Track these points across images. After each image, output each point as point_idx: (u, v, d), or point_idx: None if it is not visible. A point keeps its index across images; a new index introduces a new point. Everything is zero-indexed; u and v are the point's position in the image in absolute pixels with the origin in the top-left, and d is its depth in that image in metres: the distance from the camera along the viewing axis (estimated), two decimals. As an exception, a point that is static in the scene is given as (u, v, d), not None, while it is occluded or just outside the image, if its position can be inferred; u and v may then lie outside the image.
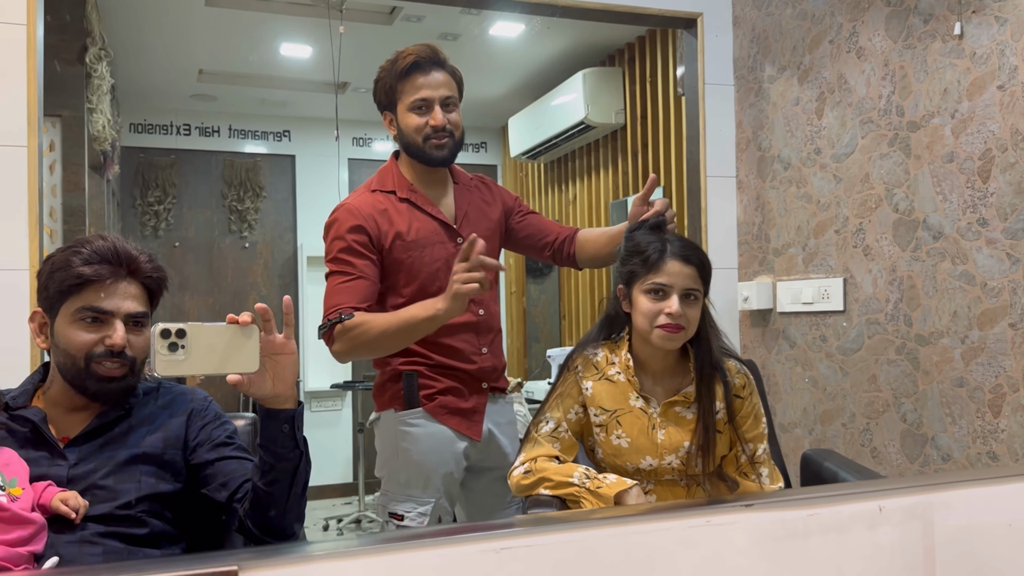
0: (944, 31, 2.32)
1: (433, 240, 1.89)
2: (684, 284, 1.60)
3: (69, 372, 1.36)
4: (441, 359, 1.88)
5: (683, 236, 1.69)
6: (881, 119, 2.53)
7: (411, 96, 1.85)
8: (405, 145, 1.91)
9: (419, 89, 1.85)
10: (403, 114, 1.88)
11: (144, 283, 1.41)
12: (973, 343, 2.25)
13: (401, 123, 1.89)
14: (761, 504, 0.84)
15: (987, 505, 0.95)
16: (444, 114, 1.86)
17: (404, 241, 1.86)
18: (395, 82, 1.87)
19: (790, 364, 2.92)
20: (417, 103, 1.85)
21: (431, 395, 1.88)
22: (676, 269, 1.60)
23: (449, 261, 1.88)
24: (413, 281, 1.86)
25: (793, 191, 2.89)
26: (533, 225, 2.07)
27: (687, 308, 1.60)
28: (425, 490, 1.86)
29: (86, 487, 1.33)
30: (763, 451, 1.69)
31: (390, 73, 1.88)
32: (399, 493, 1.87)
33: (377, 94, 1.94)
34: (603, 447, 1.69)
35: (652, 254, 1.62)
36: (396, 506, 1.87)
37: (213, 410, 1.51)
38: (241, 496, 1.39)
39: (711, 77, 3.13)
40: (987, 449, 2.22)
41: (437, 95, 1.85)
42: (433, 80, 1.85)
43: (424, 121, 1.85)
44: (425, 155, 1.88)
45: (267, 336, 1.26)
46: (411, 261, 1.86)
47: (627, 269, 1.66)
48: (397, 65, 1.86)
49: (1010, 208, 2.15)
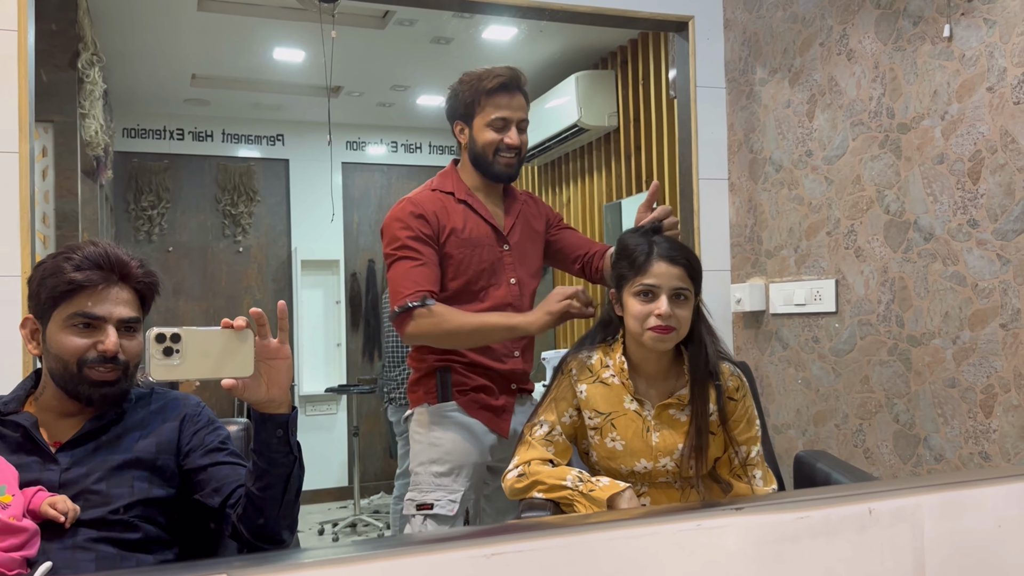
0: (933, 33, 2.33)
1: (484, 241, 2.00)
2: (672, 284, 1.61)
3: (62, 378, 1.36)
4: (475, 357, 1.98)
5: (672, 238, 1.69)
6: (872, 121, 2.54)
7: (493, 114, 1.96)
8: (474, 156, 2.01)
9: (501, 109, 1.96)
10: (480, 128, 1.98)
11: (136, 288, 1.41)
12: (964, 344, 2.26)
13: (476, 135, 1.99)
14: (751, 507, 0.84)
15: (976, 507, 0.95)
16: (519, 135, 1.99)
17: (458, 238, 1.96)
18: (479, 97, 1.97)
19: (783, 365, 2.93)
20: (497, 122, 1.96)
21: (464, 391, 1.98)
22: (663, 270, 1.61)
23: (495, 264, 2.00)
24: (460, 276, 1.96)
25: (785, 193, 2.90)
26: (566, 239, 2.18)
27: (677, 308, 1.61)
28: (456, 479, 1.95)
29: (78, 492, 1.33)
30: (756, 453, 1.70)
31: (475, 88, 1.97)
32: (430, 483, 1.95)
33: (454, 103, 2.02)
34: (597, 450, 1.69)
35: (639, 256, 1.63)
36: (426, 495, 1.94)
37: (206, 415, 1.51)
38: (234, 502, 1.39)
39: (703, 80, 3.14)
40: (979, 449, 2.23)
41: (516, 117, 1.98)
42: (516, 102, 1.98)
43: (500, 138, 1.97)
44: (492, 169, 2.00)
45: (262, 340, 1.26)
46: (461, 257, 1.96)
47: (616, 272, 1.68)
48: (484, 83, 1.96)
49: (1000, 209, 2.16)
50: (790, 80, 2.87)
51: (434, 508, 1.93)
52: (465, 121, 2.01)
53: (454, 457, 1.95)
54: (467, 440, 1.96)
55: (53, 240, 3.37)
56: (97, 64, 3.54)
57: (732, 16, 3.14)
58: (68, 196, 3.44)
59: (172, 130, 5.65)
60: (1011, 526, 0.96)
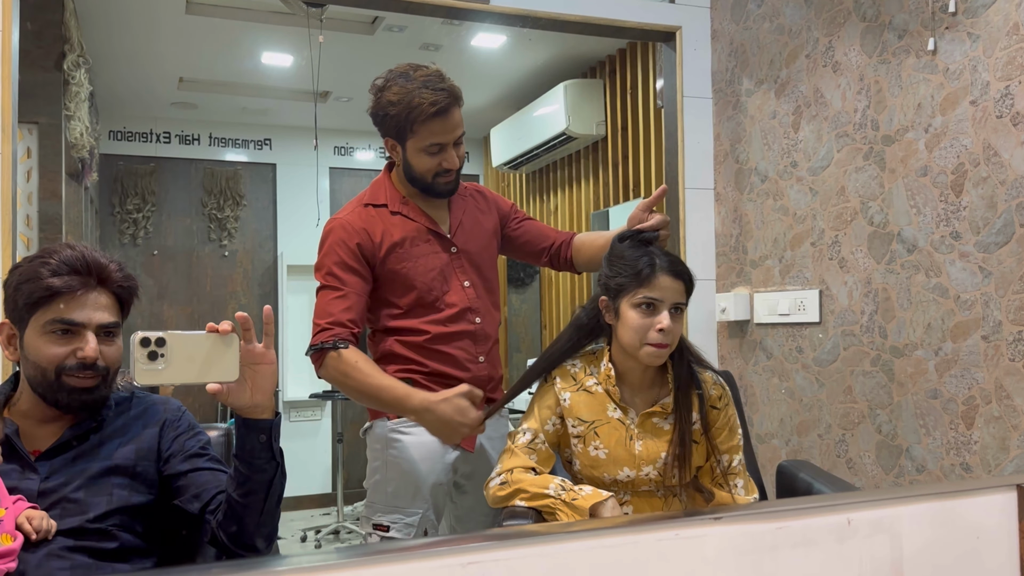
0: (918, 47, 2.35)
1: (427, 250, 1.88)
2: (674, 299, 1.60)
3: (40, 385, 1.34)
4: (437, 366, 1.87)
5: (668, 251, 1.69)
6: (856, 133, 2.56)
7: (427, 140, 1.82)
8: (411, 178, 1.88)
9: (436, 135, 1.82)
10: (414, 152, 1.84)
11: (115, 292, 1.39)
12: (946, 355, 2.27)
13: (411, 159, 1.85)
14: (730, 517, 0.84)
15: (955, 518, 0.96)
16: (456, 155, 1.86)
17: (399, 252, 1.85)
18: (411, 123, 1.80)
19: (767, 375, 2.94)
20: (432, 148, 1.83)
21: None
22: (667, 284, 1.59)
23: (444, 270, 1.89)
24: (410, 292, 1.86)
25: (770, 203, 2.91)
26: (530, 231, 2.08)
27: (674, 323, 1.61)
28: (413, 501, 1.84)
29: (56, 500, 1.32)
30: (738, 462, 1.70)
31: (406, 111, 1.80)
32: (385, 504, 1.85)
33: (385, 123, 1.86)
34: (580, 458, 1.69)
35: (644, 268, 1.60)
36: (381, 517, 1.85)
37: (187, 421, 1.50)
38: (214, 508, 1.38)
39: (689, 90, 3.15)
40: (960, 460, 2.24)
41: (452, 137, 1.84)
42: (450, 123, 1.82)
43: (436, 162, 1.84)
44: (432, 190, 1.88)
45: (247, 345, 1.25)
46: (406, 271, 1.86)
47: (616, 281, 1.64)
48: (417, 111, 1.78)
49: (982, 222, 2.18)
50: (776, 91, 2.88)
51: (390, 531, 1.83)
52: (397, 140, 1.86)
53: (411, 478, 1.84)
54: (426, 459, 1.84)
55: (36, 242, 3.35)
56: (83, 66, 3.52)
57: (719, 27, 3.16)
58: (52, 198, 3.41)
59: (159, 133, 5.63)
60: (988, 537, 0.96)
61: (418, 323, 1.86)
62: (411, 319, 1.86)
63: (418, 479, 1.84)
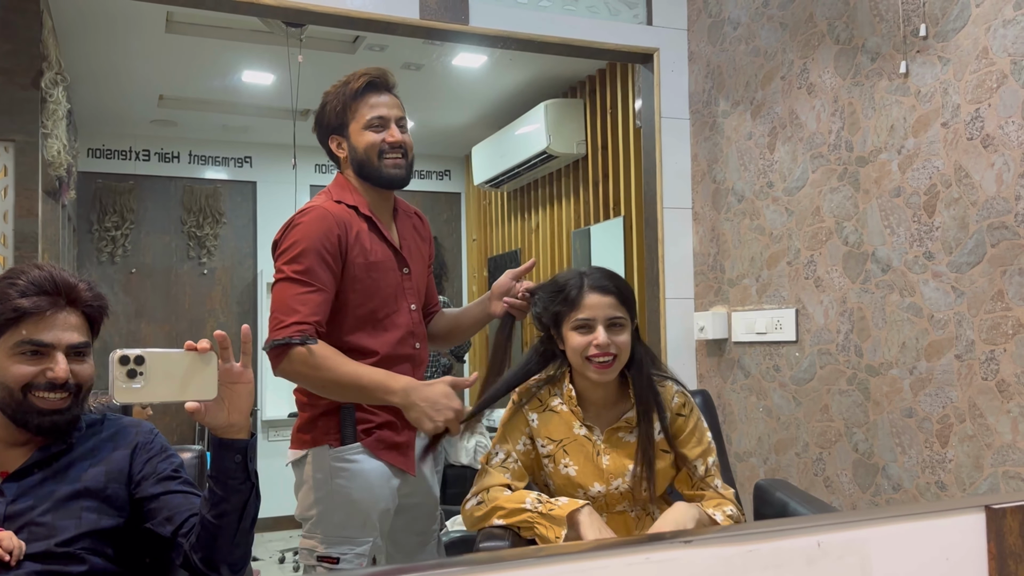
0: (890, 70, 2.39)
1: (388, 266, 1.85)
2: (606, 314, 1.64)
3: (8, 406, 1.33)
4: None
5: (601, 267, 1.73)
6: (831, 154, 2.59)
7: (367, 115, 1.82)
8: (359, 164, 1.84)
9: (375, 108, 1.83)
10: (357, 133, 1.84)
11: (84, 312, 1.38)
12: (921, 374, 2.30)
13: (355, 142, 1.84)
14: (700, 540, 0.84)
15: (925, 539, 0.96)
16: (400, 133, 1.85)
17: (365, 261, 1.80)
18: (349, 102, 1.84)
19: (744, 393, 2.95)
20: (374, 121, 1.82)
21: (368, 429, 1.81)
22: (595, 301, 1.65)
23: (397, 290, 1.85)
24: (365, 304, 1.81)
25: (747, 223, 2.94)
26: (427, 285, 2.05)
27: (614, 336, 1.64)
28: (363, 529, 1.78)
29: (23, 524, 1.30)
30: (712, 464, 1.72)
31: (342, 94, 1.84)
32: (333, 535, 1.77)
33: (325, 117, 1.88)
34: (553, 478, 1.71)
35: (572, 291, 1.67)
36: (329, 549, 1.77)
37: (159, 443, 1.48)
38: (187, 530, 1.37)
39: (667, 111, 3.18)
40: (936, 479, 2.26)
41: (392, 114, 1.84)
42: (388, 100, 1.85)
43: (380, 138, 1.82)
44: (380, 173, 1.83)
45: (224, 364, 1.25)
46: (369, 282, 1.81)
47: (553, 311, 1.70)
48: (351, 86, 1.84)
49: (954, 242, 2.20)
50: (752, 112, 2.91)
51: (340, 563, 1.75)
52: (340, 133, 1.86)
53: (361, 507, 1.77)
54: (375, 487, 1.78)
55: (12, 261, 3.32)
56: (61, 84, 3.50)
57: (696, 49, 3.19)
58: (28, 216, 3.38)
59: (138, 151, 5.60)
60: (958, 558, 0.97)
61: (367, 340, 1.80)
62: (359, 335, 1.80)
63: (368, 507, 1.78)
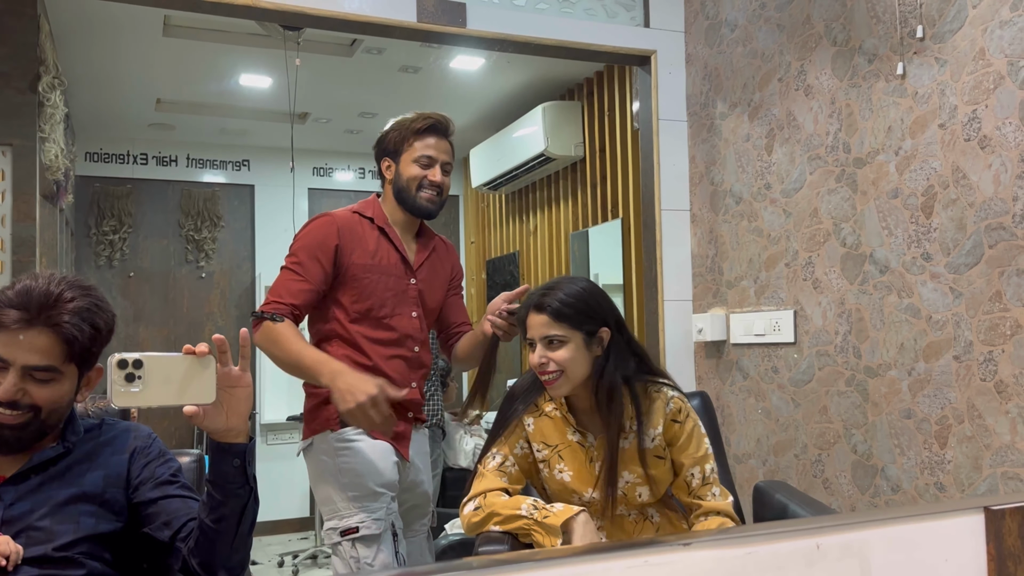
0: (888, 71, 2.39)
1: (392, 271, 2.05)
2: (541, 332, 1.68)
3: None
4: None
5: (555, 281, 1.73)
6: (828, 155, 2.59)
7: (420, 151, 2.06)
8: (398, 191, 2.09)
9: (428, 148, 2.07)
10: (406, 163, 2.07)
11: (62, 335, 1.31)
12: (919, 375, 2.30)
13: (402, 169, 2.08)
14: (699, 543, 0.84)
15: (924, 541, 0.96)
16: (442, 175, 2.08)
17: (367, 262, 2.02)
18: (408, 135, 2.07)
19: (743, 395, 2.95)
20: (423, 159, 2.06)
21: None
22: (532, 321, 1.69)
23: (401, 294, 2.06)
24: (363, 301, 2.01)
25: (745, 225, 2.94)
26: (454, 305, 2.26)
27: (552, 353, 1.66)
28: (375, 496, 1.94)
29: (21, 528, 1.29)
30: (711, 471, 1.71)
31: (405, 127, 2.08)
32: (348, 508, 1.93)
33: (386, 140, 2.11)
34: (549, 483, 1.71)
35: (521, 311, 1.73)
36: (347, 520, 1.93)
37: (157, 447, 1.48)
38: (185, 535, 1.36)
39: (665, 113, 3.18)
40: (935, 480, 2.26)
41: (441, 158, 2.08)
42: (442, 146, 2.09)
43: (424, 174, 2.06)
44: (415, 203, 2.07)
45: (223, 368, 1.25)
46: (367, 282, 2.01)
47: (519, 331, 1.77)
48: (415, 123, 2.07)
49: (952, 243, 2.21)
50: (749, 114, 2.92)
51: (360, 531, 1.91)
52: (392, 158, 2.10)
53: (368, 478, 1.95)
54: (377, 460, 1.96)
55: (9, 265, 3.31)
56: (59, 88, 3.50)
57: (693, 51, 3.19)
58: (26, 220, 3.38)
59: (136, 154, 5.59)
60: (957, 559, 0.97)
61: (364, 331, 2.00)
62: (358, 326, 2.00)
63: (374, 476, 1.95)
